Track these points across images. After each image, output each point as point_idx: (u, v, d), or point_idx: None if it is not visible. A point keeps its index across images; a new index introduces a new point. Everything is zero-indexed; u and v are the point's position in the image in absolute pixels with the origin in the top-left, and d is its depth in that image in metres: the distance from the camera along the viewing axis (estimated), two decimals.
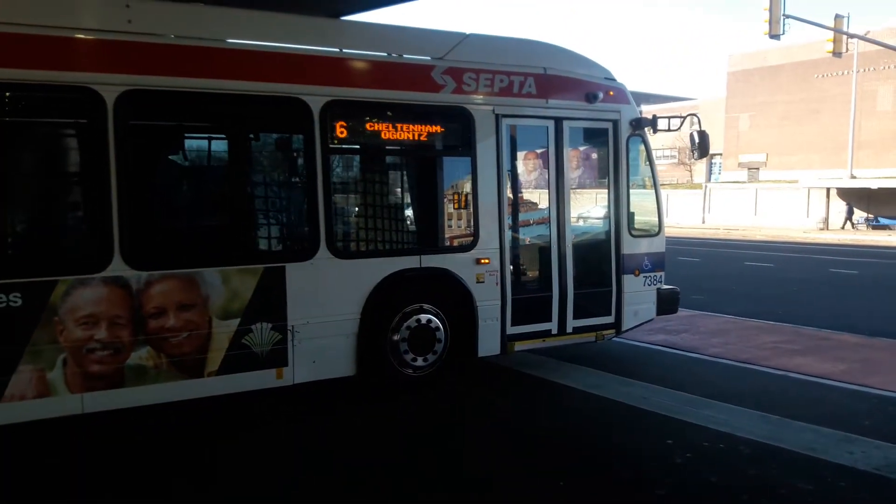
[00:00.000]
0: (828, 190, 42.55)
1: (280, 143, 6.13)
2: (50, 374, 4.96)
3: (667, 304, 7.71)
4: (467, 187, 6.55)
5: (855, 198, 41.36)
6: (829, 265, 18.55)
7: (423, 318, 6.36)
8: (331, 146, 5.90)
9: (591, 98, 7.11)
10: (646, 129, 7.49)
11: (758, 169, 50.84)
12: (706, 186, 49.24)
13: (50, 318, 4.93)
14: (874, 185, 39.31)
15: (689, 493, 4.39)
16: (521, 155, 7.12)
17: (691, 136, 7.52)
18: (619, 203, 7.33)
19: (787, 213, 42.46)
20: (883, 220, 38.38)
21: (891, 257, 21.98)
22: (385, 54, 6.29)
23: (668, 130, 7.47)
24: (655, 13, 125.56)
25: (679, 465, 4.77)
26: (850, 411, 5.91)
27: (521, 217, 7.10)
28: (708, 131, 7.57)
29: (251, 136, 5.99)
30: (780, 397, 6.32)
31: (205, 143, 5.89)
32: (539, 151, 7.08)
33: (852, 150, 41.44)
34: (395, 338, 6.25)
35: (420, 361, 6.37)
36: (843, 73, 44.04)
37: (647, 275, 7.54)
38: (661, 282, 7.69)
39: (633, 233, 7.44)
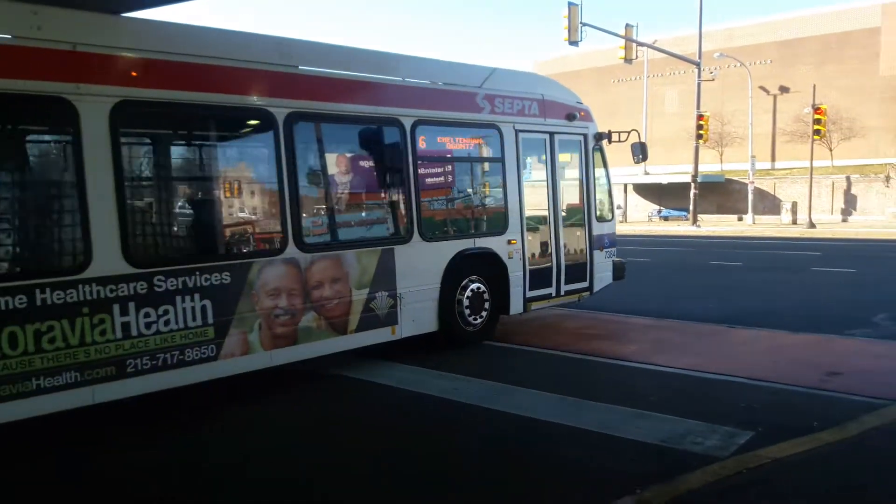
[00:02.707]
0: (625, 185, 49.00)
1: (387, 154, 7.69)
2: (250, 336, 6.29)
3: (619, 272, 10.30)
4: (500, 185, 8.57)
5: (649, 192, 48.18)
6: (624, 254, 21.10)
7: (478, 286, 8.31)
8: (417, 155, 7.64)
9: (570, 118, 9.44)
10: (603, 140, 9.98)
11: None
12: None
13: (249, 290, 6.26)
14: (664, 180, 46.21)
15: (496, 481, 4.54)
16: (529, 160, 9.24)
17: (633, 146, 10.13)
18: (589, 197, 9.75)
19: None
20: (673, 213, 45.01)
21: (677, 245, 25.63)
22: (441, 83, 8.13)
23: (619, 142, 10.00)
24: (465, 22, 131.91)
25: (487, 453, 5.01)
26: (641, 389, 6.38)
27: (525, 207, 9.19)
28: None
29: (370, 149, 7.57)
30: (581, 380, 6.81)
31: (345, 155, 7.39)
32: (540, 157, 9.25)
33: None
34: (460, 300, 8.13)
35: (473, 319, 8.31)
36: (635, 79, 50.33)
37: (607, 250, 10.07)
38: (614, 256, 10.25)
39: (598, 219, 9.90)
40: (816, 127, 31.20)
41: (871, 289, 12.91)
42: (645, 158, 10.18)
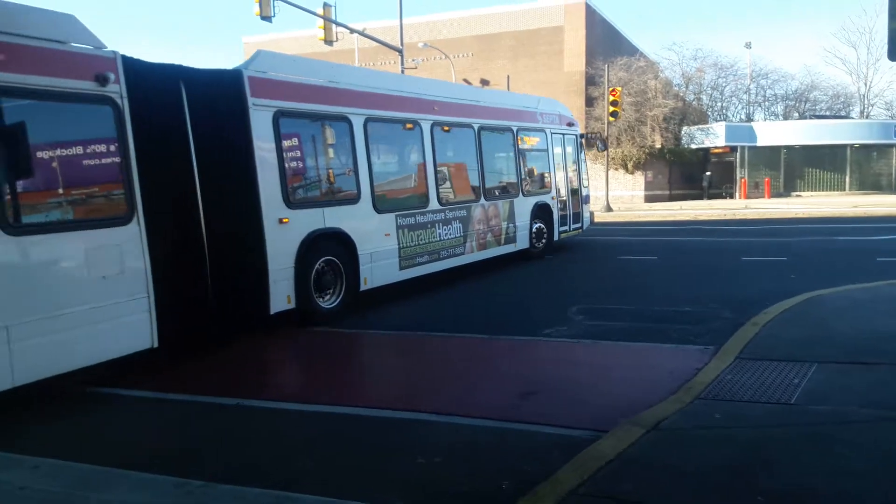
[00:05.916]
0: None
1: (509, 149, 13.53)
2: (471, 244, 12.00)
3: (592, 219, 16.98)
4: (547, 165, 14.76)
5: None
6: None
7: (540, 224, 14.44)
8: (520, 148, 13.64)
9: (570, 125, 15.90)
10: (583, 138, 16.53)
11: None
12: None
13: (471, 219, 11.95)
14: None
15: None
16: (557, 150, 15.41)
17: (597, 141, 16.80)
18: (580, 172, 16.29)
19: None
20: None
21: None
22: (521, 107, 14.11)
23: (590, 137, 16.58)
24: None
25: None
26: (298, 446, 4.90)
27: (558, 179, 15.35)
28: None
29: (506, 147, 13.38)
30: (222, 441, 5.06)
31: (496, 149, 13.16)
32: (559, 149, 15.50)
33: None
34: (534, 231, 14.20)
35: (537, 244, 14.43)
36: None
37: (587, 205, 16.67)
38: (590, 209, 16.91)
39: (584, 186, 16.46)
40: None
41: (570, 277, 12.80)
42: (605, 148, 16.90)
